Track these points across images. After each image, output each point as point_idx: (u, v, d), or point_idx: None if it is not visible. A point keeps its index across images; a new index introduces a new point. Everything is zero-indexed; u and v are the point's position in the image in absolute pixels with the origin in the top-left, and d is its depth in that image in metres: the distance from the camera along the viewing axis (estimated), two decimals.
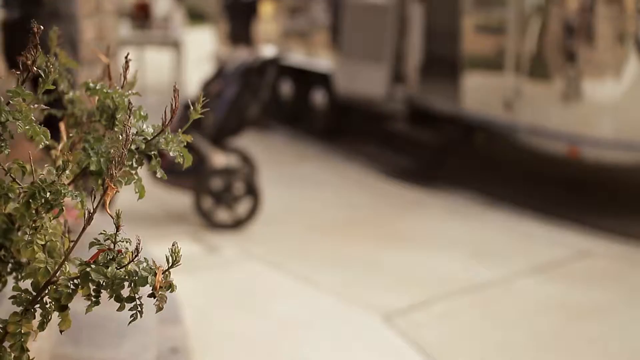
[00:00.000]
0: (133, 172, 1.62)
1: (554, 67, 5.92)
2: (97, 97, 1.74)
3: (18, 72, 1.51)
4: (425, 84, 7.38)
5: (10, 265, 1.63)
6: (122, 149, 1.46)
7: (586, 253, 5.13)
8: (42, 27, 1.52)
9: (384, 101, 7.63)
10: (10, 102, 1.50)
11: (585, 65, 5.71)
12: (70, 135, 1.78)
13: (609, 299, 4.40)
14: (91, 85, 1.73)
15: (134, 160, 1.63)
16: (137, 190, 1.64)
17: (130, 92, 1.75)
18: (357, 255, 5.00)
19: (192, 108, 1.68)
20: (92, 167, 1.63)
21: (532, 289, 4.52)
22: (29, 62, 1.50)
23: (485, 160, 8.01)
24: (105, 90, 1.72)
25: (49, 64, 1.56)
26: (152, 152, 1.68)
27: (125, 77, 1.75)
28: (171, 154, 1.67)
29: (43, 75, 1.55)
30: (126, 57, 1.75)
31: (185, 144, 1.69)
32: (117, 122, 1.70)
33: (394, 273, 4.72)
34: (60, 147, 1.71)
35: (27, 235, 1.51)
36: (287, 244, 5.22)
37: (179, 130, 1.71)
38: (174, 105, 1.60)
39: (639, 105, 5.65)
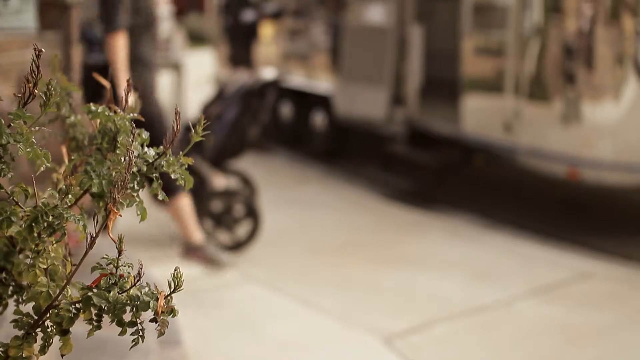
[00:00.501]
0: (134, 194, 1.62)
1: (554, 89, 5.93)
2: (98, 120, 1.74)
3: (20, 95, 1.51)
4: (425, 106, 7.40)
5: (11, 288, 1.63)
6: (125, 173, 1.46)
7: (586, 275, 5.11)
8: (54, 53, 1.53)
9: (384, 123, 7.64)
10: (12, 124, 1.50)
11: (584, 87, 5.72)
12: (72, 158, 1.78)
13: (609, 321, 4.38)
14: (93, 108, 1.73)
15: (135, 182, 1.63)
16: (138, 212, 1.64)
17: (131, 115, 1.75)
18: (357, 278, 4.99)
19: (193, 130, 1.68)
20: (94, 189, 1.63)
21: (532, 311, 4.51)
22: (30, 85, 1.51)
23: (485, 182, 8.02)
24: (106, 113, 1.72)
25: (51, 87, 1.56)
26: (154, 175, 1.68)
27: (126, 100, 1.75)
28: (172, 176, 1.67)
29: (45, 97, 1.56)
30: (127, 80, 1.76)
31: (186, 166, 1.69)
32: (118, 145, 1.70)
33: (394, 295, 4.71)
34: (62, 170, 1.71)
35: (29, 259, 1.50)
36: (287, 266, 5.21)
37: (180, 152, 1.72)
38: (175, 128, 1.61)
39: (639, 127, 5.66)
